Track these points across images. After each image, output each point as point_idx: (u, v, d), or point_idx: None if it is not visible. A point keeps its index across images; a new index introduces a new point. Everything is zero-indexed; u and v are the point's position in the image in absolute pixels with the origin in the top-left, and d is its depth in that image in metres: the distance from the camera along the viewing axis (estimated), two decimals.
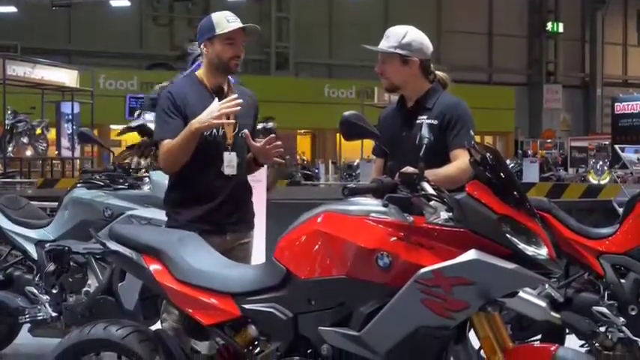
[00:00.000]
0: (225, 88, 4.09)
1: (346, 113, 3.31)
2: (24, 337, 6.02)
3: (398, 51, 4.00)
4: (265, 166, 5.08)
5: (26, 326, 5.81)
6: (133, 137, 7.61)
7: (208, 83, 4.05)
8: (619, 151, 12.10)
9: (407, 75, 4.04)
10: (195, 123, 3.82)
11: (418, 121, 3.95)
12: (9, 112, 16.57)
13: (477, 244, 2.79)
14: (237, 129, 4.05)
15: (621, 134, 25.43)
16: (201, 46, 4.06)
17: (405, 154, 3.74)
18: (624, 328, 4.78)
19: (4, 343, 6.08)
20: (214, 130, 3.96)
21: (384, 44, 4.05)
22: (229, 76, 4.15)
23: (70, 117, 19.17)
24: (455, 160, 3.85)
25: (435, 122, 3.93)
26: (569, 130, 36.90)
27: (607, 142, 26.96)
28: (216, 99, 3.89)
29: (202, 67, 4.10)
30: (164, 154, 3.94)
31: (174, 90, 4.02)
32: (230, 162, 3.99)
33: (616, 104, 27.59)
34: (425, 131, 3.30)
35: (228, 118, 3.99)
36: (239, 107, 3.85)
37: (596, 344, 4.83)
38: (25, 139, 17.02)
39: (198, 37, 4.07)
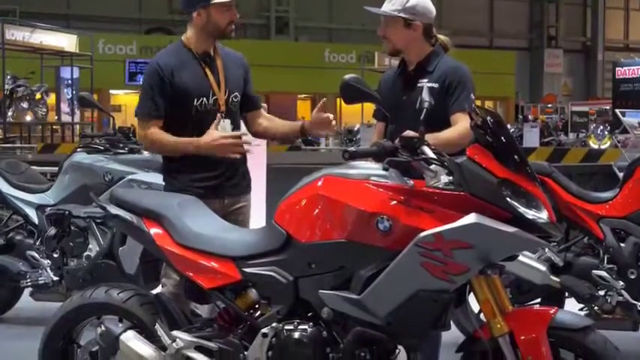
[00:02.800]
0: (212, 52, 4.01)
1: (346, 76, 3.28)
2: (25, 301, 6.06)
3: (402, 14, 3.96)
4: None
5: (28, 290, 5.85)
6: (133, 101, 7.59)
7: (196, 49, 3.94)
8: (620, 116, 12.05)
9: (410, 38, 4.01)
10: (202, 145, 3.77)
11: (419, 85, 3.91)
12: (8, 77, 16.48)
13: (478, 208, 2.79)
14: (227, 94, 3.98)
15: (622, 99, 25.33)
16: (193, 14, 3.91)
17: (405, 117, 3.72)
18: (623, 292, 4.81)
19: (5, 307, 6.11)
20: (204, 99, 3.90)
21: (388, 7, 4.00)
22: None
23: (70, 82, 19.08)
24: (455, 124, 3.83)
25: (436, 86, 3.91)
26: (570, 95, 36.74)
27: (608, 107, 26.88)
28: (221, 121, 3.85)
29: (189, 32, 3.99)
30: (151, 142, 3.89)
31: (161, 60, 3.92)
32: (224, 129, 3.89)
33: (617, 69, 27.47)
34: (425, 95, 3.27)
35: (218, 84, 3.96)
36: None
37: (596, 308, 4.86)
38: (24, 104, 16.96)
39: (187, 4, 3.92)
